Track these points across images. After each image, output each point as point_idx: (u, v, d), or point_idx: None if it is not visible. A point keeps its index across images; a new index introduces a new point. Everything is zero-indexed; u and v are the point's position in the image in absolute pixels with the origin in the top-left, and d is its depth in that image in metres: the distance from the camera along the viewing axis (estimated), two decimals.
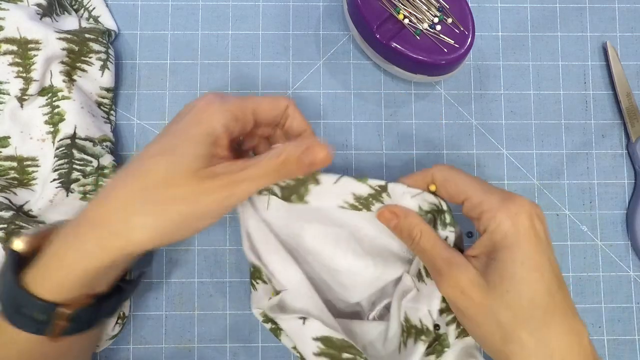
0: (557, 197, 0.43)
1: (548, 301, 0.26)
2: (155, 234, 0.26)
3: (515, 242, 0.27)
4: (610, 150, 0.44)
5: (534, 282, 0.26)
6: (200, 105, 0.28)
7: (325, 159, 0.28)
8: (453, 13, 0.39)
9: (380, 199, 0.33)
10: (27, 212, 0.38)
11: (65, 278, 0.26)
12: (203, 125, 0.28)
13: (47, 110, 0.39)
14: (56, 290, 0.26)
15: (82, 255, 0.26)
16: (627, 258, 0.43)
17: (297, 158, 0.27)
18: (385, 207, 0.32)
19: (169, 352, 0.40)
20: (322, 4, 0.44)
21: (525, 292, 0.26)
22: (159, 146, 0.28)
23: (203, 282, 0.41)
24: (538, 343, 0.26)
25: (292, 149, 0.27)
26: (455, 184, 0.30)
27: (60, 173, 0.38)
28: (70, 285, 0.26)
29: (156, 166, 0.27)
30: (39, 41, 0.38)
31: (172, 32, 0.44)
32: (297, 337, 0.33)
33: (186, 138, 0.27)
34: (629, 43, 0.45)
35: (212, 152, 0.27)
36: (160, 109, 0.43)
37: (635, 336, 0.42)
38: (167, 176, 0.26)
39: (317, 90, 0.43)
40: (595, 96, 0.44)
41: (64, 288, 0.26)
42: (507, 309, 0.26)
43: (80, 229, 0.27)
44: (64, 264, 0.26)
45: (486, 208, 0.28)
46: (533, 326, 0.26)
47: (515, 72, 0.44)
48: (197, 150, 0.27)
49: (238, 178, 0.27)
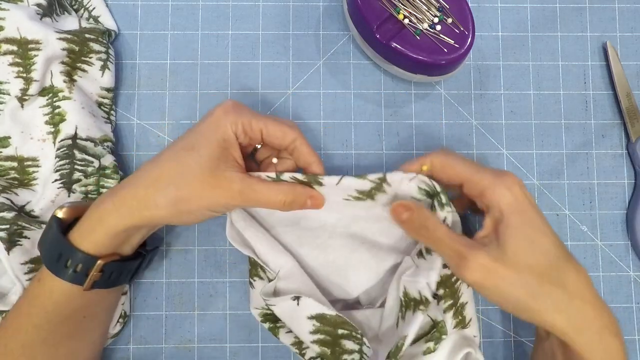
0: (557, 197, 0.43)
1: (558, 252, 0.30)
2: (173, 213, 0.32)
3: (520, 209, 0.30)
4: (610, 150, 0.44)
5: (545, 240, 0.30)
6: (218, 113, 0.33)
7: (320, 206, 0.34)
8: (453, 13, 0.39)
9: (382, 189, 0.34)
10: (29, 213, 0.38)
11: (104, 236, 0.32)
12: (219, 131, 0.33)
13: (47, 110, 0.39)
14: (94, 246, 0.32)
15: (118, 219, 0.32)
16: (627, 258, 0.43)
17: (302, 202, 0.34)
18: (398, 203, 0.33)
19: (169, 352, 0.40)
20: (322, 4, 0.44)
21: (540, 250, 0.30)
22: (183, 142, 0.33)
23: (203, 282, 0.41)
24: (560, 289, 0.29)
25: (300, 195, 0.33)
26: (453, 168, 0.33)
27: (62, 173, 0.38)
28: (107, 242, 0.32)
29: (180, 158, 0.32)
30: (39, 41, 0.38)
31: (172, 32, 0.44)
32: (293, 319, 0.34)
33: (204, 139, 0.33)
34: (629, 43, 0.45)
35: (226, 155, 0.33)
36: (160, 109, 0.43)
37: (635, 336, 0.42)
38: (188, 168, 0.32)
39: (317, 90, 0.43)
40: (595, 96, 0.44)
41: (101, 245, 0.32)
42: (531, 271, 0.29)
43: (116, 199, 0.32)
44: (104, 225, 0.32)
45: (486, 185, 0.31)
46: (553, 276, 0.30)
47: (515, 72, 0.44)
48: (213, 151, 0.32)
49: (252, 195, 0.32)
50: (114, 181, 0.39)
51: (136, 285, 0.41)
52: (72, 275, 0.32)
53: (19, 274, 0.36)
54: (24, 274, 0.36)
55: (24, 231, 0.36)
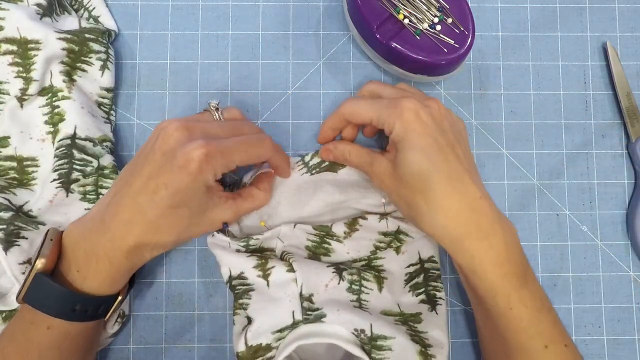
0: (557, 197, 0.43)
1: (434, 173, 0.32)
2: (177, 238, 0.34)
3: (405, 136, 0.33)
4: (610, 150, 0.44)
5: (419, 161, 0.33)
6: (193, 166, 0.32)
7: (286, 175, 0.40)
8: (453, 13, 0.39)
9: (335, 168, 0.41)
10: (27, 213, 0.38)
11: (117, 273, 0.33)
12: (201, 181, 0.32)
13: (47, 110, 0.39)
14: (108, 285, 0.33)
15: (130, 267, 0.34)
16: (627, 258, 0.43)
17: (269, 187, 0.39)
18: (322, 147, 0.40)
19: (169, 352, 0.40)
20: (322, 4, 0.44)
21: (415, 170, 0.33)
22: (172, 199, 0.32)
23: (203, 282, 0.41)
24: (429, 203, 0.33)
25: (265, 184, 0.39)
26: (358, 115, 0.36)
27: (60, 173, 0.38)
28: (121, 278, 0.34)
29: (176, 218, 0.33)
30: (39, 41, 0.38)
31: (172, 32, 0.44)
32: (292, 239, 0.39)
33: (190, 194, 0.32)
34: (629, 43, 0.45)
35: (211, 195, 0.35)
36: (160, 109, 0.43)
37: (635, 336, 0.42)
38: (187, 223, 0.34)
39: (317, 90, 0.43)
40: (595, 96, 0.44)
41: (115, 282, 0.34)
42: (406, 187, 0.33)
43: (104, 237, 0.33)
44: (113, 262, 0.33)
45: (384, 120, 0.35)
46: (426, 193, 0.32)
47: (515, 72, 0.44)
48: (201, 201, 0.34)
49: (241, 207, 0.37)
50: (113, 181, 0.39)
51: (136, 285, 0.41)
52: (82, 315, 0.33)
53: (17, 274, 0.36)
54: (21, 274, 0.36)
55: (22, 231, 0.36)
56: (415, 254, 0.39)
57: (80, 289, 0.33)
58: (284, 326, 0.36)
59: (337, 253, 0.39)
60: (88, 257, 0.33)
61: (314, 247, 0.39)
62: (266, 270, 0.37)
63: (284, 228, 0.39)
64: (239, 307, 0.37)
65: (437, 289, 0.39)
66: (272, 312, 0.36)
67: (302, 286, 0.36)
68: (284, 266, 0.37)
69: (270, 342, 0.35)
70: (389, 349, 0.35)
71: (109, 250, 0.32)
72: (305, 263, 0.37)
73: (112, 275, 0.33)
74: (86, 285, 0.33)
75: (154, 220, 0.32)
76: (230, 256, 0.37)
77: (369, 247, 0.39)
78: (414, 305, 0.38)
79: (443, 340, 0.37)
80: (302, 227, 0.39)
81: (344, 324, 0.35)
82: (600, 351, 0.41)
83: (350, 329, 0.35)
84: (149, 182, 0.32)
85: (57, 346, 0.33)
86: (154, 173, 0.32)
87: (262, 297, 0.37)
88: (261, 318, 0.36)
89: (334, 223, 0.39)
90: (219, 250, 0.38)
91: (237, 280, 0.37)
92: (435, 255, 0.40)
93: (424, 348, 0.36)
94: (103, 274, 0.33)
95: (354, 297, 0.37)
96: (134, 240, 0.32)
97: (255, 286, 0.37)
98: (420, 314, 0.38)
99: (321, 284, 0.37)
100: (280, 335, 0.35)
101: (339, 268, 0.38)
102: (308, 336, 0.34)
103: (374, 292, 0.38)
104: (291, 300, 0.36)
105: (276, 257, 0.38)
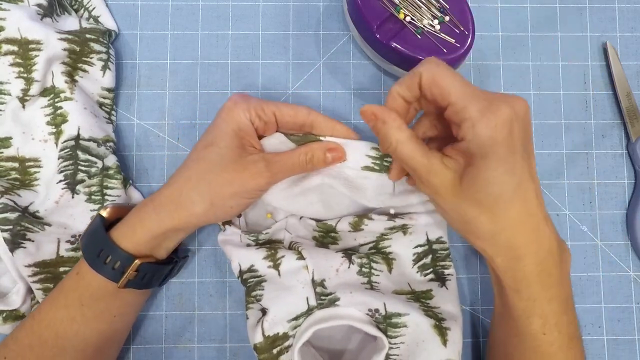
0: (557, 197, 0.43)
1: (513, 197, 0.29)
2: (207, 208, 0.34)
3: (491, 152, 0.28)
4: (610, 150, 0.44)
5: (503, 183, 0.29)
6: (228, 105, 0.35)
7: (341, 158, 0.36)
8: (453, 13, 0.39)
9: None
10: (33, 214, 0.38)
11: (143, 237, 0.34)
12: (233, 121, 0.35)
13: (49, 111, 0.39)
14: (134, 246, 0.34)
15: (157, 222, 0.34)
16: (627, 258, 0.43)
17: (321, 157, 0.35)
18: (368, 106, 0.32)
19: (169, 352, 0.40)
20: (322, 4, 0.44)
21: (495, 191, 0.29)
22: (203, 141, 0.35)
23: (203, 282, 0.41)
24: (496, 223, 0.30)
25: (317, 151, 0.35)
26: (439, 88, 0.30)
27: (66, 174, 0.38)
28: (146, 243, 0.34)
29: (204, 156, 0.34)
30: (40, 41, 0.38)
31: (172, 32, 0.44)
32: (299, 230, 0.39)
33: (221, 133, 0.35)
34: (629, 43, 0.45)
35: (244, 142, 0.35)
36: (160, 109, 0.43)
37: (635, 336, 0.42)
38: (212, 163, 0.34)
39: (317, 90, 0.44)
40: (595, 96, 0.44)
41: (140, 245, 0.34)
42: (472, 205, 0.30)
43: (155, 203, 0.35)
44: (144, 227, 0.34)
45: (467, 116, 0.29)
46: (496, 214, 0.29)
47: (515, 72, 0.44)
48: (231, 142, 0.34)
49: (275, 169, 0.34)
50: (117, 182, 0.39)
51: None
52: (110, 272, 0.34)
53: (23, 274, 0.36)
54: (28, 277, 0.36)
55: (28, 233, 0.36)
56: (423, 235, 0.39)
57: (115, 240, 0.34)
58: (299, 313, 0.35)
59: (344, 241, 0.40)
60: (132, 212, 0.35)
61: (321, 237, 0.39)
62: (276, 260, 0.37)
63: (291, 219, 0.39)
64: (251, 301, 0.37)
65: (446, 267, 0.39)
66: (287, 300, 0.36)
67: (313, 272, 0.36)
68: (293, 254, 0.37)
69: (287, 331, 0.35)
70: (404, 326, 0.35)
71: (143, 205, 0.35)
72: (314, 250, 0.38)
73: (135, 229, 0.34)
74: (120, 238, 0.34)
75: (190, 165, 0.35)
76: (240, 250, 0.38)
77: (376, 235, 0.39)
78: (424, 283, 0.38)
79: (456, 312, 0.37)
80: (308, 222, 0.39)
81: (357, 306, 0.35)
82: (600, 351, 0.41)
83: (364, 310, 0.35)
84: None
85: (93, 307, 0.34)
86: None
87: (275, 287, 0.37)
88: (276, 307, 0.36)
89: (339, 221, 0.39)
90: (229, 246, 0.38)
91: (248, 273, 0.37)
92: (444, 235, 0.39)
93: (438, 322, 0.35)
94: (137, 228, 0.34)
95: (365, 280, 0.37)
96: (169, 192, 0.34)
97: (266, 277, 0.37)
98: (430, 291, 0.38)
99: (332, 269, 0.37)
100: (296, 323, 0.35)
101: (348, 253, 0.38)
102: (323, 321, 0.35)
103: (384, 273, 0.38)
104: (304, 287, 0.36)
105: (285, 247, 0.39)
